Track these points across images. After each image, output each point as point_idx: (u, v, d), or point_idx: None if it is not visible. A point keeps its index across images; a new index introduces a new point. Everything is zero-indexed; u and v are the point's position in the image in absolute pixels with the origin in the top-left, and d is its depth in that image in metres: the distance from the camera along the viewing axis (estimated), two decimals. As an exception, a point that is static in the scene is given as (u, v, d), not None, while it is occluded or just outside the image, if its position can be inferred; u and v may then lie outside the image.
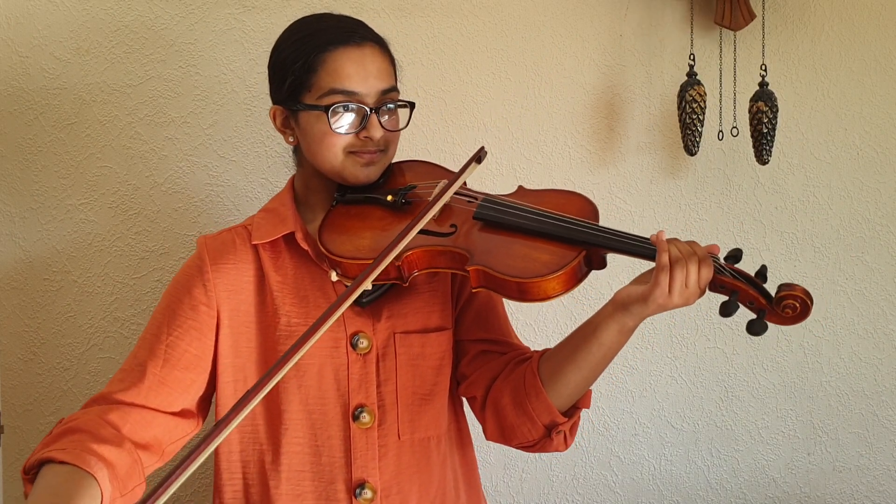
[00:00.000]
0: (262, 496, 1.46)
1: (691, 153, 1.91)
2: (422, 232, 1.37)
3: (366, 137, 1.43)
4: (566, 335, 1.43)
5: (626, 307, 1.33)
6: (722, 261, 1.31)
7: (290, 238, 1.48)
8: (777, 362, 2.04)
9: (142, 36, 1.88)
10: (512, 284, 1.31)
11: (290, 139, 1.51)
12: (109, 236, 1.89)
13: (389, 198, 1.45)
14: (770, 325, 1.29)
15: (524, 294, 1.31)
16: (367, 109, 1.43)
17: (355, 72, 1.43)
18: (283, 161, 1.91)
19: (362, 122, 1.43)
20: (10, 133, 1.86)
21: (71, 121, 1.87)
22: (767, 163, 1.91)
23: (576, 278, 1.32)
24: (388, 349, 1.46)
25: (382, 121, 1.45)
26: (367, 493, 1.43)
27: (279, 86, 1.49)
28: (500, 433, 1.48)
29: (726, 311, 1.27)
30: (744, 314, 1.29)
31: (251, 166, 1.91)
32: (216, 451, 1.46)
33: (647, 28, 1.97)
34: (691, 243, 1.30)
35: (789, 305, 1.28)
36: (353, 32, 1.46)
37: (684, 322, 2.02)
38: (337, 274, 1.39)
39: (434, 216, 1.39)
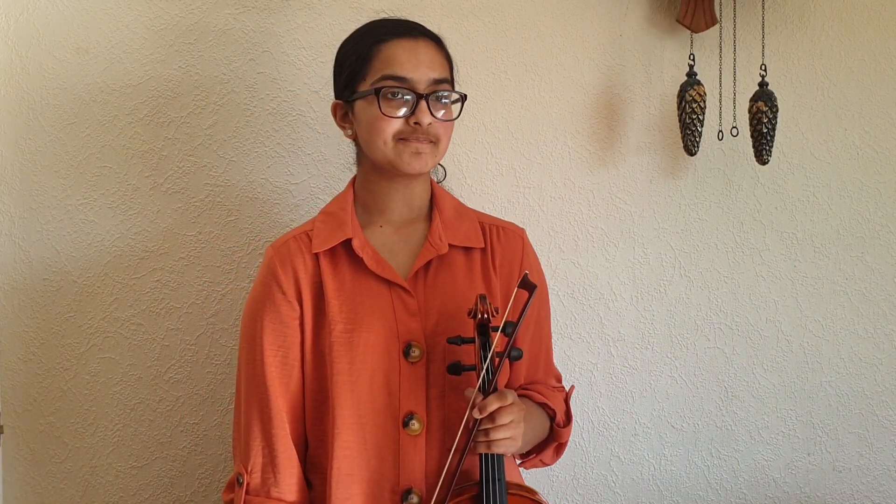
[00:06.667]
0: (321, 495, 1.50)
1: (691, 153, 1.91)
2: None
3: (415, 123, 1.46)
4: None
5: None
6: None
7: (348, 244, 1.50)
8: (777, 362, 2.04)
9: (142, 36, 1.88)
10: None
11: (349, 132, 1.54)
12: (109, 236, 1.89)
13: None
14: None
15: None
16: (417, 95, 1.46)
17: (407, 59, 1.47)
18: (283, 161, 1.91)
19: (412, 108, 1.46)
20: (10, 133, 1.86)
21: (71, 121, 1.87)
22: (767, 163, 1.91)
23: None
24: (439, 359, 1.47)
25: (433, 110, 1.47)
26: (414, 499, 1.45)
27: (338, 80, 1.55)
28: None
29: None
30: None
31: (251, 166, 1.91)
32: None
33: (647, 28, 1.97)
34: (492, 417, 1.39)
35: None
36: (409, 27, 1.52)
37: (684, 322, 2.02)
38: None
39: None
